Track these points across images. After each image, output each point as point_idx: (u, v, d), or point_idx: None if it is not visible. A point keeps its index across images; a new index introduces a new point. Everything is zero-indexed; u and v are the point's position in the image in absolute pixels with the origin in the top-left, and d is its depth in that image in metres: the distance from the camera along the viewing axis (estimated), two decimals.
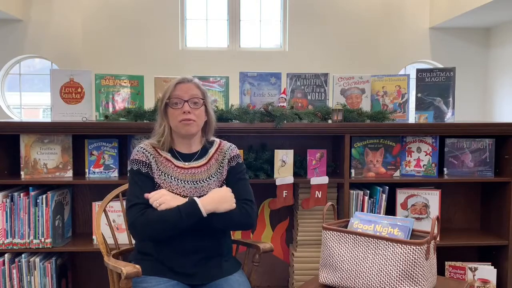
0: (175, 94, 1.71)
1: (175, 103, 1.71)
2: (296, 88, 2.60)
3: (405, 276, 1.57)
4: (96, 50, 6.28)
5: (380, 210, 2.40)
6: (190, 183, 1.74)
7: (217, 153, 1.83)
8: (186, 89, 1.72)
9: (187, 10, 6.65)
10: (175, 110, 1.71)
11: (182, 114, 1.69)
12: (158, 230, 1.62)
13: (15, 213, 2.27)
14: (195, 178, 1.75)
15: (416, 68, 3.42)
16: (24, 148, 2.36)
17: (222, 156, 1.82)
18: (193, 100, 1.72)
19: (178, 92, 1.72)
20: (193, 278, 1.69)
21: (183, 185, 1.73)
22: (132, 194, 1.68)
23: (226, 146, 1.86)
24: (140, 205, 1.64)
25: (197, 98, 1.73)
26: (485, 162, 2.50)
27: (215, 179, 1.78)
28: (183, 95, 1.71)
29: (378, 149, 2.49)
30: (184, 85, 1.73)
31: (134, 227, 1.63)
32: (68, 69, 2.64)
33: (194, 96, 1.72)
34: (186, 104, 1.70)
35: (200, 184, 1.75)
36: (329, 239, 1.74)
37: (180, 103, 1.70)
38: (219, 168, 1.80)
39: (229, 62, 6.18)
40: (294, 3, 6.49)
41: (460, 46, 6.62)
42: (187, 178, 1.74)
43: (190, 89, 1.73)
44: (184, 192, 1.72)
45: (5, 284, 2.28)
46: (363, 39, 6.51)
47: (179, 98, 1.71)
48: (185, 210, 1.61)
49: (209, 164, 1.79)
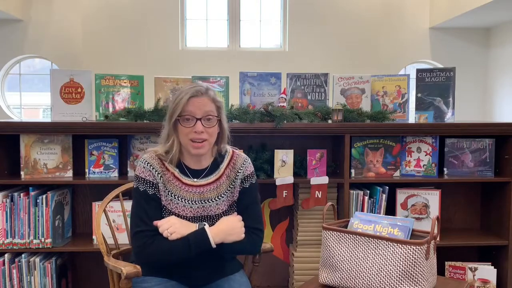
0: (188, 110, 1.58)
1: (186, 119, 1.58)
2: (296, 88, 2.60)
3: (405, 276, 1.57)
4: (96, 50, 6.27)
5: (380, 210, 2.40)
6: (197, 203, 1.66)
7: (229, 168, 1.72)
8: (199, 105, 1.58)
9: (187, 10, 6.65)
10: (186, 128, 1.59)
11: (193, 133, 1.58)
12: (165, 260, 1.59)
13: (15, 213, 2.27)
14: (203, 197, 1.67)
15: (416, 68, 3.43)
16: (24, 148, 2.36)
17: (235, 174, 1.72)
18: (207, 117, 1.59)
19: (191, 108, 1.58)
20: (193, 279, 1.68)
21: (190, 205, 1.65)
22: (137, 217, 1.61)
23: (239, 160, 1.73)
24: (146, 232, 1.58)
25: (211, 115, 1.60)
26: (485, 162, 2.50)
27: (225, 199, 1.70)
28: (196, 111, 1.58)
29: (378, 149, 2.49)
30: (198, 100, 1.58)
31: (139, 257, 1.60)
32: (68, 69, 2.64)
33: (208, 113, 1.59)
34: (199, 123, 1.57)
35: (208, 203, 1.67)
36: (329, 239, 1.74)
37: (193, 120, 1.58)
38: (229, 187, 1.71)
39: (229, 62, 6.18)
40: (294, 3, 6.49)
41: (460, 46, 6.62)
42: (195, 198, 1.66)
43: (204, 104, 1.59)
44: (191, 213, 1.66)
45: (5, 284, 2.28)
46: (363, 39, 6.51)
47: (191, 115, 1.58)
48: (195, 242, 1.57)
49: (220, 181, 1.70)
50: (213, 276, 1.70)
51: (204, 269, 1.69)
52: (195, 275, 1.68)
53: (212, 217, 1.68)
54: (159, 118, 2.30)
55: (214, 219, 1.68)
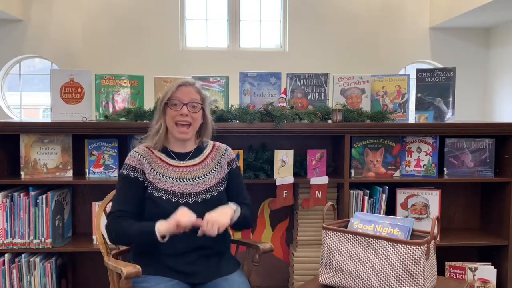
0: (176, 96, 1.77)
1: (174, 104, 1.76)
2: (296, 88, 2.60)
3: (405, 276, 1.57)
4: (96, 50, 6.27)
5: (380, 210, 2.40)
6: (185, 180, 1.78)
7: (213, 153, 1.89)
8: (187, 93, 1.77)
9: (187, 10, 6.64)
10: (173, 111, 1.76)
11: (179, 115, 1.75)
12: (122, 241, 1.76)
13: (15, 213, 2.27)
14: (191, 176, 1.80)
15: (416, 68, 3.43)
16: (24, 148, 2.36)
17: (220, 156, 1.88)
18: (192, 104, 1.77)
19: (179, 94, 1.77)
20: (192, 277, 1.69)
21: (178, 182, 1.77)
22: (115, 199, 1.77)
23: (222, 147, 1.93)
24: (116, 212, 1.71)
25: (196, 103, 1.78)
26: (485, 162, 2.50)
27: (212, 177, 1.83)
28: (183, 97, 1.76)
29: (378, 149, 2.49)
30: (186, 88, 1.78)
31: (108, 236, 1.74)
32: (68, 69, 2.64)
33: (194, 100, 1.78)
34: (185, 107, 1.75)
35: (196, 180, 1.80)
36: (329, 239, 1.74)
37: (179, 105, 1.76)
38: (216, 167, 1.86)
39: (229, 62, 6.17)
40: (294, 3, 6.49)
41: (460, 46, 6.62)
42: (183, 176, 1.79)
43: (191, 93, 1.78)
44: (180, 189, 1.76)
45: (5, 284, 2.28)
46: (363, 39, 6.50)
47: (179, 100, 1.76)
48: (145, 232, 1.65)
49: (205, 162, 1.85)
50: (211, 275, 1.71)
51: (203, 267, 1.71)
52: (194, 273, 1.69)
53: (201, 193, 1.79)
54: None
55: (204, 193, 1.79)
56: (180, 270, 1.68)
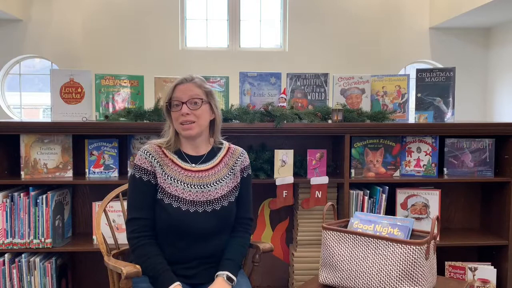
0: (175, 96, 1.70)
1: (175, 105, 1.69)
2: (296, 88, 2.60)
3: (405, 276, 1.57)
4: (96, 50, 6.28)
5: (380, 210, 2.40)
6: (197, 187, 1.71)
7: (227, 156, 1.80)
8: (185, 90, 1.69)
9: (187, 10, 6.65)
10: (175, 112, 1.70)
11: (181, 116, 1.68)
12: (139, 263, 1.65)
13: (15, 213, 2.27)
14: (202, 182, 1.72)
15: (416, 68, 3.43)
16: (24, 148, 2.36)
17: (234, 161, 1.80)
18: (193, 100, 1.68)
19: (177, 94, 1.69)
20: (193, 278, 1.69)
21: (189, 189, 1.70)
22: (131, 204, 1.70)
23: (238, 150, 1.84)
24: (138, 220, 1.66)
25: (197, 98, 1.69)
26: (485, 162, 2.50)
27: (224, 184, 1.75)
28: (181, 96, 1.68)
29: (378, 149, 2.49)
30: (183, 86, 1.70)
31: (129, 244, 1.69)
32: (68, 69, 2.63)
33: (194, 96, 1.68)
34: (184, 106, 1.67)
35: (207, 188, 1.72)
36: (329, 239, 1.74)
37: (179, 105, 1.68)
38: (229, 173, 1.78)
39: (229, 62, 6.18)
40: (294, 3, 6.49)
41: (460, 46, 6.62)
42: (194, 182, 1.71)
43: (189, 89, 1.69)
44: (190, 197, 1.69)
45: (5, 284, 2.28)
46: (363, 39, 6.51)
47: (178, 100, 1.69)
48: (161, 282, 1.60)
49: (218, 167, 1.77)
50: (212, 276, 1.70)
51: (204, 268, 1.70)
52: (195, 274, 1.69)
53: (212, 202, 1.71)
54: (159, 118, 2.31)
55: (214, 203, 1.71)
56: (180, 274, 1.67)
